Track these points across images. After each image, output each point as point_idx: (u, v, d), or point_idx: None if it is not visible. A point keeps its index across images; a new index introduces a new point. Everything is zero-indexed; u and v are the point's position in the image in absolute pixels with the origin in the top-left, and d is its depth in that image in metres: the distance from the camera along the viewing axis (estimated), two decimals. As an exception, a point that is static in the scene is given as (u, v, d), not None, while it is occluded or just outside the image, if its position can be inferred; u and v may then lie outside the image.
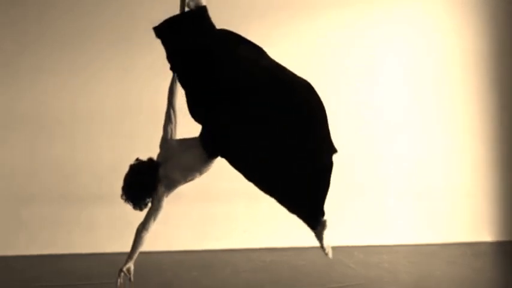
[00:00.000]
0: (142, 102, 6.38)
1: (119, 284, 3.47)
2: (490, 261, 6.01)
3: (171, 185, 3.55)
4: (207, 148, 3.46)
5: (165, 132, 3.68)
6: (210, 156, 3.50)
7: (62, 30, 6.35)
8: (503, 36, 6.77)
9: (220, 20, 3.74)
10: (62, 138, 6.33)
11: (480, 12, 6.76)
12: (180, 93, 3.83)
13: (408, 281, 5.04)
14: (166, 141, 3.65)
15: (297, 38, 6.57)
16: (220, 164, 3.59)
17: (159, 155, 3.67)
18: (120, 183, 6.65)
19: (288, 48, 6.55)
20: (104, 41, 6.38)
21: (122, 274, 3.51)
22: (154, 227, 3.54)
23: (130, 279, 3.53)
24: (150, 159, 3.64)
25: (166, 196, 3.57)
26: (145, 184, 3.56)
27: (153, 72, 6.38)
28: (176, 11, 6.56)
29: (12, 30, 6.31)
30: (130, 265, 3.55)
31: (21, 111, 6.31)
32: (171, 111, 3.73)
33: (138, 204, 3.61)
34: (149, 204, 3.60)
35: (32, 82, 6.33)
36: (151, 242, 6.19)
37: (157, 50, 6.42)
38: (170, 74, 6.40)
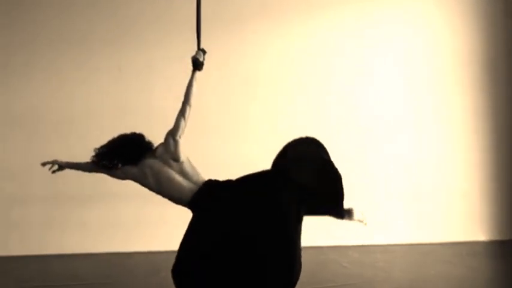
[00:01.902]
0: (137, 102, 6.35)
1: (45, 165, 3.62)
2: (484, 260, 6.00)
3: (141, 181, 3.44)
4: (192, 201, 3.37)
5: (178, 129, 3.46)
6: (189, 206, 3.43)
7: (57, 30, 6.33)
8: (498, 38, 6.76)
9: (218, 20, 3.75)
10: (55, 138, 6.29)
11: (475, 13, 6.77)
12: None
13: (403, 280, 5.02)
14: (175, 141, 3.45)
15: (293, 38, 6.57)
16: (215, 164, 3.56)
17: (159, 147, 3.49)
18: (113, 183, 6.61)
19: (284, 49, 6.56)
20: (99, 41, 6.36)
21: (51, 165, 3.60)
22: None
23: (53, 171, 3.65)
24: (150, 143, 3.52)
25: (126, 179, 3.47)
26: (126, 155, 3.44)
27: (149, 72, 6.37)
28: (171, 10, 6.58)
29: (9, 30, 6.28)
30: (64, 166, 3.67)
31: (14, 111, 6.28)
32: (189, 109, 3.49)
33: (100, 164, 3.51)
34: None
35: (26, 82, 6.30)
36: (149, 242, 6.24)
37: (153, 50, 6.46)
38: (165, 74, 6.43)
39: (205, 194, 3.37)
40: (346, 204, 3.47)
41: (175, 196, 3.42)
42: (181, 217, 6.21)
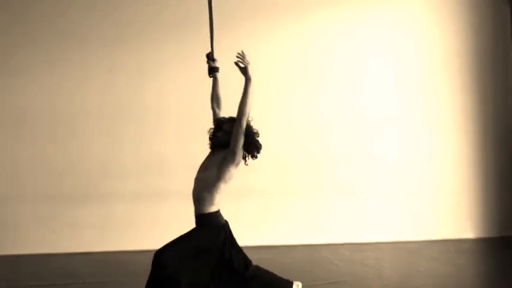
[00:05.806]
0: (131, 103, 6.37)
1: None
2: (472, 257, 6.08)
3: (232, 167, 3.62)
4: (205, 215, 3.68)
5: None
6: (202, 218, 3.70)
7: (54, 32, 6.34)
8: (487, 38, 6.85)
9: (215, 21, 3.82)
10: (49, 138, 6.31)
11: (466, 14, 6.83)
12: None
13: (393, 277, 5.10)
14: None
15: (287, 37, 6.63)
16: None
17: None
18: (107, 183, 6.63)
19: (277, 48, 6.60)
20: (95, 43, 6.38)
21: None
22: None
23: (239, 63, 3.70)
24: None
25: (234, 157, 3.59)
26: (256, 148, 3.64)
27: (142, 73, 6.40)
28: (167, 11, 6.61)
29: (6, 32, 6.30)
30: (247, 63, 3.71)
31: (9, 110, 6.29)
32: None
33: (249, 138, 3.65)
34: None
35: (22, 83, 6.31)
36: (143, 241, 6.25)
37: (147, 52, 6.48)
38: (159, 75, 6.45)
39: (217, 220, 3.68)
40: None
41: (214, 200, 3.67)
42: (175, 216, 6.30)
